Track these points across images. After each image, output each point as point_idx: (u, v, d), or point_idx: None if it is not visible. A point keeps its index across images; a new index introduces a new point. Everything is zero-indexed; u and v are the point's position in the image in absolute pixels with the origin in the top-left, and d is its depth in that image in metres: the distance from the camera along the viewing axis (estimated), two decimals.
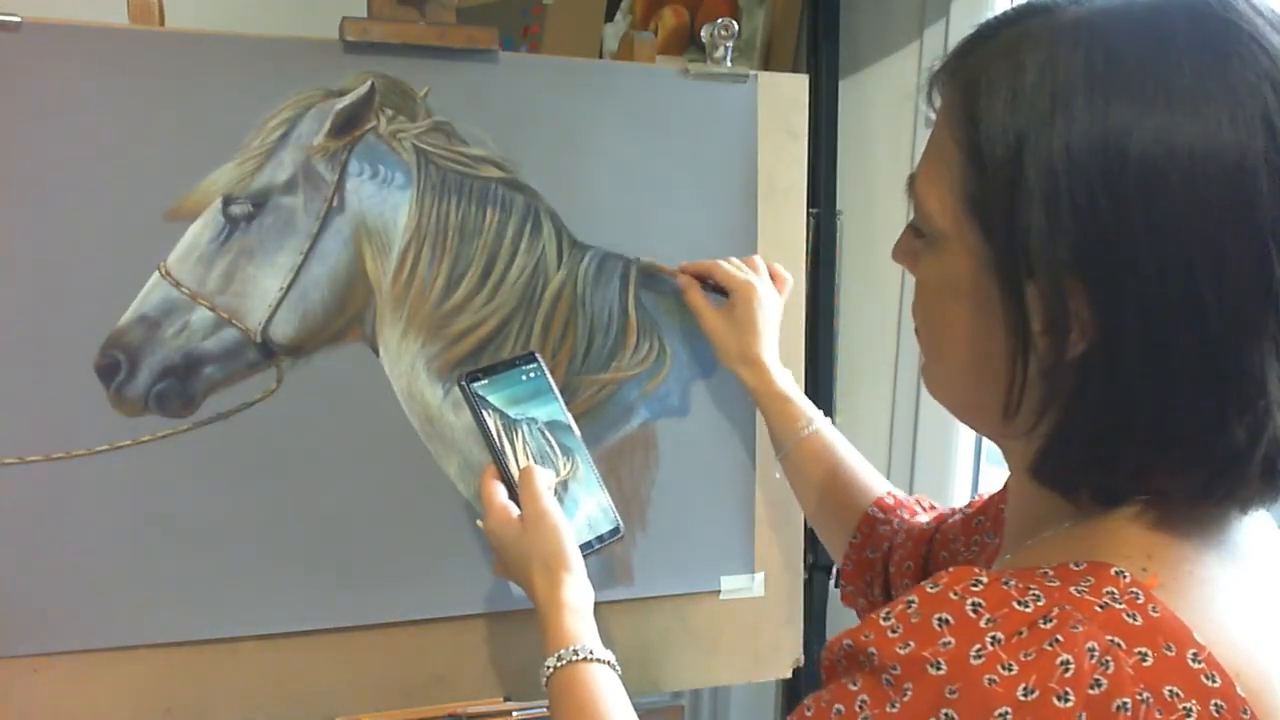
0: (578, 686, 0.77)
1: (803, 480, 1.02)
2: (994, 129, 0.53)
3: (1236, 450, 0.50)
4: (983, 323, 0.56)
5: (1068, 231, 0.50)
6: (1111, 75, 0.50)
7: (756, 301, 1.03)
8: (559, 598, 0.81)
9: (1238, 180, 0.48)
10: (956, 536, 0.87)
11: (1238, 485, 0.52)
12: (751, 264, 1.08)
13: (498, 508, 0.86)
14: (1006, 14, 0.57)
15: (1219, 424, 0.50)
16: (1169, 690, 0.47)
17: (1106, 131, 0.49)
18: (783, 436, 1.02)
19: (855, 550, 0.96)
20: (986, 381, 0.57)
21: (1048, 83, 0.51)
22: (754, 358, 1.03)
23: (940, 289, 0.59)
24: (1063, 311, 0.51)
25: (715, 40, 1.11)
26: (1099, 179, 0.49)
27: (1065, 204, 0.50)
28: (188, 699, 0.99)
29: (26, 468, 0.93)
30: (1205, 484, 0.52)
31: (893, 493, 0.98)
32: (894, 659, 0.50)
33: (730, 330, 1.04)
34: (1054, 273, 0.51)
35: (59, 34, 0.92)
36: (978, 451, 1.46)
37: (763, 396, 1.03)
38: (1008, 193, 0.52)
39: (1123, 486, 0.55)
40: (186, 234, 0.96)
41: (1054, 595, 0.50)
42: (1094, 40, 0.51)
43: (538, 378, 0.94)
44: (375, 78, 1.00)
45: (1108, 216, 0.49)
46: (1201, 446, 0.51)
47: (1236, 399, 0.49)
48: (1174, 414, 0.51)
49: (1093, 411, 0.53)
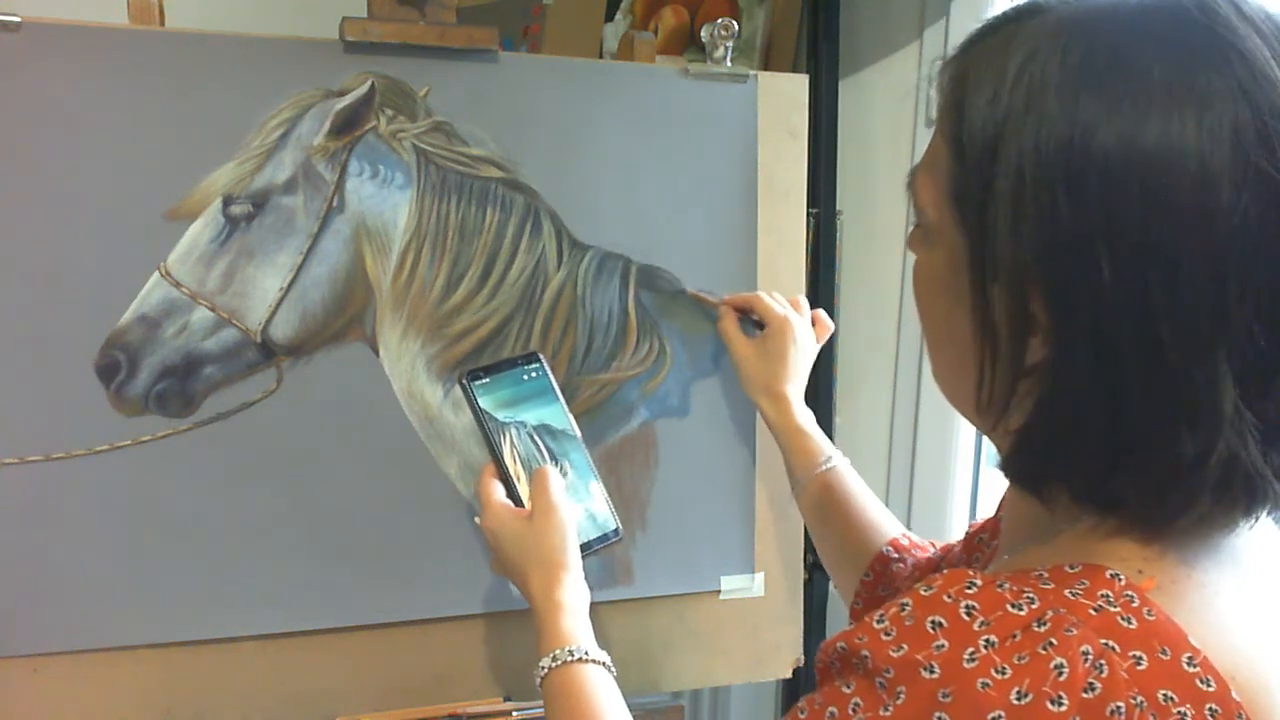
0: (572, 687, 0.77)
1: (817, 517, 1.02)
2: (975, 126, 0.53)
3: (1185, 464, 0.50)
4: (958, 318, 0.56)
5: (1030, 234, 0.50)
6: (1084, 75, 0.49)
7: (790, 337, 1.04)
8: (555, 597, 0.82)
9: (1198, 189, 0.47)
10: (959, 559, 0.87)
11: (1189, 500, 0.51)
12: (795, 303, 1.09)
13: (496, 505, 0.86)
14: (1008, 12, 0.57)
15: (1167, 437, 0.49)
16: (1163, 694, 0.47)
17: (1072, 131, 0.49)
18: (799, 472, 1.02)
19: (867, 588, 0.96)
20: (963, 375, 0.57)
21: (1025, 82, 0.51)
22: (778, 392, 1.03)
23: (927, 282, 0.60)
24: (1025, 316, 0.51)
25: (715, 40, 1.11)
26: (1061, 179, 0.49)
27: (1029, 205, 0.50)
28: (188, 699, 0.99)
29: (26, 468, 0.93)
30: (1156, 496, 0.52)
31: (907, 534, 0.97)
32: (887, 662, 0.50)
33: (759, 361, 1.05)
34: (1017, 274, 0.51)
35: (59, 34, 0.92)
36: (978, 452, 1.46)
37: (781, 431, 1.04)
38: (981, 191, 0.52)
39: (1085, 492, 0.54)
40: (186, 234, 0.96)
41: (1048, 598, 0.50)
42: (1073, 41, 0.51)
43: (540, 378, 0.94)
44: (375, 78, 1.00)
45: (1067, 219, 0.49)
46: (1152, 458, 0.51)
47: (1185, 413, 0.49)
48: (1123, 423, 0.50)
49: (1051, 414, 0.53)
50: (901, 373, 1.49)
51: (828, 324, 1.11)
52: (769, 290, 1.10)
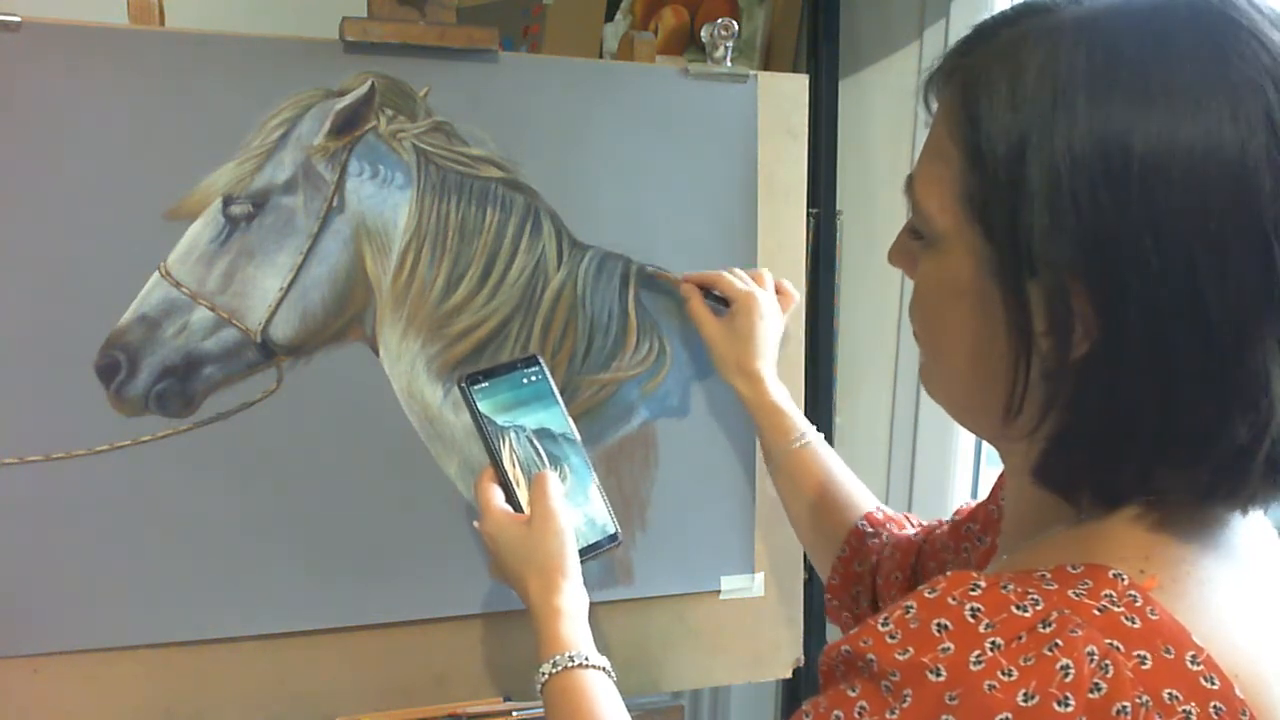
0: (573, 693, 0.77)
1: (792, 493, 1.01)
2: (994, 129, 0.52)
3: (1239, 448, 0.50)
4: (984, 324, 0.56)
5: (1070, 231, 0.50)
6: (1112, 74, 0.50)
7: (757, 314, 1.03)
8: (554, 603, 0.81)
9: (1239, 178, 0.47)
10: (945, 545, 0.87)
11: (1240, 484, 0.52)
12: (757, 277, 1.08)
13: (495, 510, 0.86)
14: (1004, 14, 0.57)
15: (1222, 423, 0.50)
16: (1168, 693, 0.47)
17: (1108, 130, 0.49)
18: (774, 448, 1.02)
19: (843, 564, 0.96)
20: (987, 383, 0.56)
21: (1049, 82, 0.51)
22: (751, 370, 1.03)
23: (940, 290, 0.59)
24: (1066, 311, 0.51)
25: (715, 40, 1.11)
26: (1101, 177, 0.49)
27: (1067, 203, 0.50)
28: (188, 699, 0.99)
29: (26, 468, 0.93)
30: (1208, 483, 0.52)
31: (881, 508, 0.98)
32: (893, 665, 0.50)
33: (729, 341, 1.04)
34: (1057, 272, 0.51)
35: (59, 34, 0.92)
36: (978, 452, 1.46)
37: (756, 408, 1.03)
38: (1010, 193, 0.52)
39: (1126, 487, 0.54)
40: (186, 234, 0.96)
41: (1052, 599, 0.50)
42: (1094, 39, 0.51)
43: (539, 381, 0.94)
44: (375, 78, 1.00)
45: (1110, 215, 0.49)
46: (1205, 445, 0.51)
47: (1239, 397, 0.49)
48: (1177, 413, 0.50)
49: (1096, 412, 0.52)
50: (901, 373, 1.49)
51: (792, 294, 1.10)
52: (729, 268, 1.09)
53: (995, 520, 0.80)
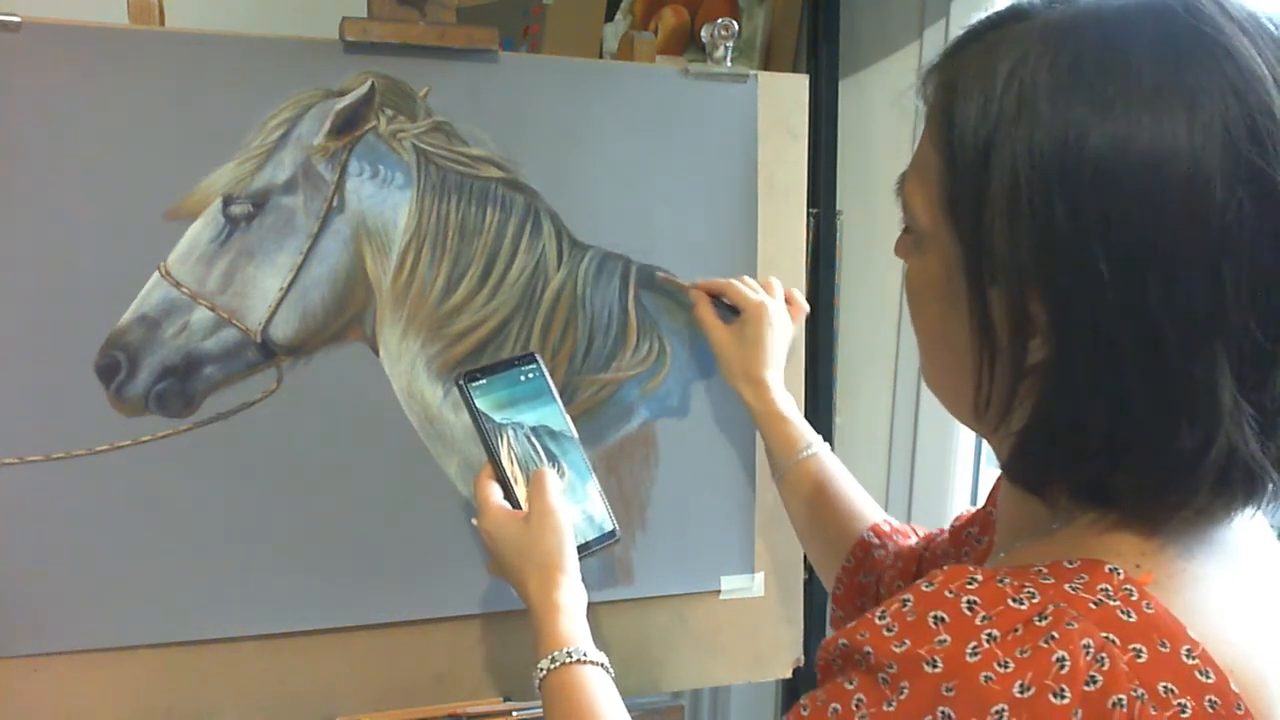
0: (571, 689, 0.77)
1: (798, 503, 1.01)
2: (966, 132, 0.53)
3: (1186, 458, 0.50)
4: (954, 323, 0.56)
5: (1027, 237, 0.50)
6: (1074, 78, 0.50)
7: (766, 322, 1.04)
8: (553, 599, 0.81)
9: (1191, 187, 0.47)
10: (946, 552, 0.87)
11: (1189, 493, 0.51)
12: (768, 286, 1.08)
13: (493, 507, 0.86)
14: (992, 16, 0.57)
15: (1168, 431, 0.50)
16: (1163, 686, 0.47)
17: (1065, 134, 0.49)
18: (780, 458, 1.02)
19: (848, 574, 0.96)
20: (960, 378, 0.58)
21: (1015, 87, 0.51)
22: (757, 377, 1.03)
23: (920, 287, 0.60)
24: (1024, 317, 0.52)
25: (715, 40, 1.11)
26: (1056, 183, 0.49)
27: (1025, 209, 0.50)
28: (188, 699, 0.99)
29: (26, 468, 0.93)
30: (1156, 491, 0.52)
31: (889, 520, 0.97)
32: (890, 657, 0.50)
33: (737, 348, 1.04)
34: (1015, 278, 0.51)
35: (59, 34, 0.92)
36: (978, 452, 1.46)
37: (762, 417, 1.03)
38: (976, 196, 0.52)
39: (1090, 490, 0.54)
40: (186, 234, 0.96)
41: (1049, 592, 0.50)
42: (1061, 44, 0.51)
43: (536, 379, 0.94)
44: (375, 78, 1.00)
45: (1063, 221, 0.49)
46: (1153, 454, 0.51)
47: (1185, 407, 0.49)
48: (1125, 420, 0.50)
49: (1053, 414, 0.53)
50: (901, 372, 1.49)
51: (802, 304, 1.11)
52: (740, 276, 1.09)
53: (992, 522, 0.80)
